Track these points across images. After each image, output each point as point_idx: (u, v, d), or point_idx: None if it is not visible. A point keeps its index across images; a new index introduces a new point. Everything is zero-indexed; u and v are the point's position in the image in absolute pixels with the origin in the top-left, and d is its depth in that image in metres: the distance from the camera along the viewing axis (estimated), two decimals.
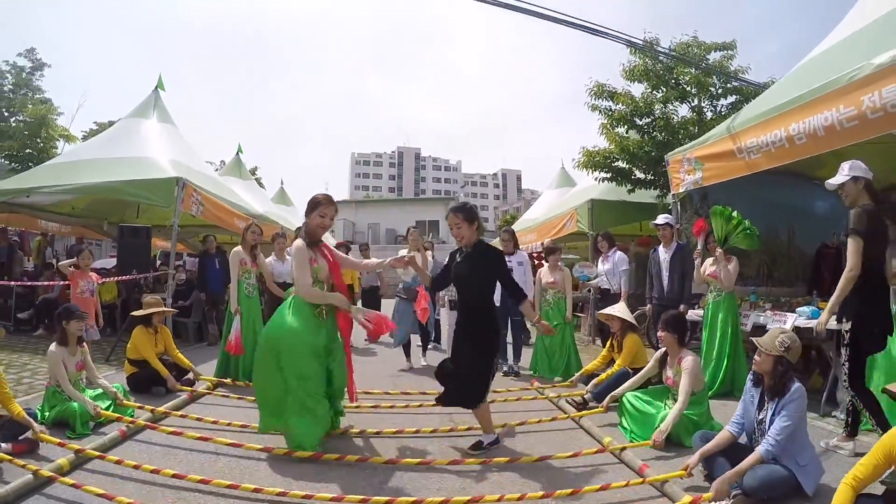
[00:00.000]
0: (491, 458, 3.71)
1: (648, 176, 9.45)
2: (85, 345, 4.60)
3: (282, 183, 19.73)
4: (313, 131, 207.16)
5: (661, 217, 6.51)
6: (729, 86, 9.68)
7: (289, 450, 3.69)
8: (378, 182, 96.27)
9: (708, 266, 5.81)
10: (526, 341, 8.09)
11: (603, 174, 9.81)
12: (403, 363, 7.21)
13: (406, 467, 3.57)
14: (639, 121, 9.64)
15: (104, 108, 65.91)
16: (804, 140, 4.92)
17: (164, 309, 5.95)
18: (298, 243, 3.89)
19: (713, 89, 9.69)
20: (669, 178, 7.28)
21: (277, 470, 3.51)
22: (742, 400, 3.38)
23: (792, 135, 5.03)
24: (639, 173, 9.59)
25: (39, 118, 17.90)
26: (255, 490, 3.09)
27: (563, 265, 7.41)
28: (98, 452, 3.52)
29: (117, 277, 8.39)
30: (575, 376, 6.03)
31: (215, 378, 5.88)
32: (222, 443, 3.82)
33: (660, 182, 9.09)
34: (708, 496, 2.97)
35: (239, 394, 5.34)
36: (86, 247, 8.82)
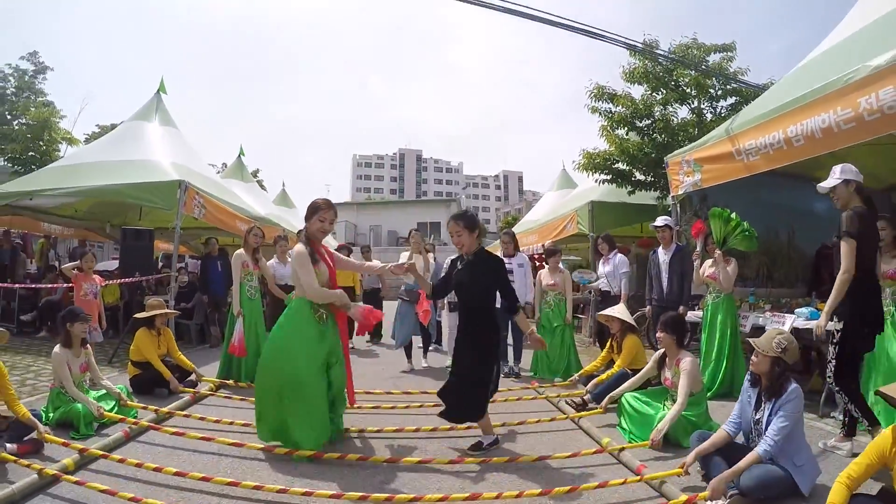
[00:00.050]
0: (490, 458, 3.74)
1: (648, 178, 9.45)
2: (89, 346, 4.65)
3: (283, 185, 19.87)
4: (315, 133, 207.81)
5: (661, 219, 6.53)
6: (728, 87, 9.69)
7: (290, 449, 3.72)
8: (380, 184, 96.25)
9: (707, 267, 5.83)
10: (525, 342, 8.10)
11: (603, 176, 9.84)
12: (405, 364, 7.23)
13: (406, 467, 3.60)
14: (639, 123, 9.65)
15: (106, 111, 66.33)
16: (802, 142, 4.94)
17: (167, 311, 5.99)
18: (299, 247, 3.92)
19: (713, 91, 9.72)
20: (669, 180, 7.30)
21: (278, 469, 3.55)
22: (739, 400, 3.41)
23: (790, 137, 5.04)
24: (639, 175, 9.59)
25: (42, 121, 17.97)
26: (256, 487, 3.12)
27: (564, 267, 7.44)
28: (102, 452, 3.57)
29: (120, 280, 8.43)
30: (574, 376, 6.05)
31: (218, 379, 5.92)
32: (224, 442, 3.86)
33: (660, 184, 9.10)
34: (704, 495, 3.00)
35: (241, 395, 5.37)
36: (89, 249, 8.85)
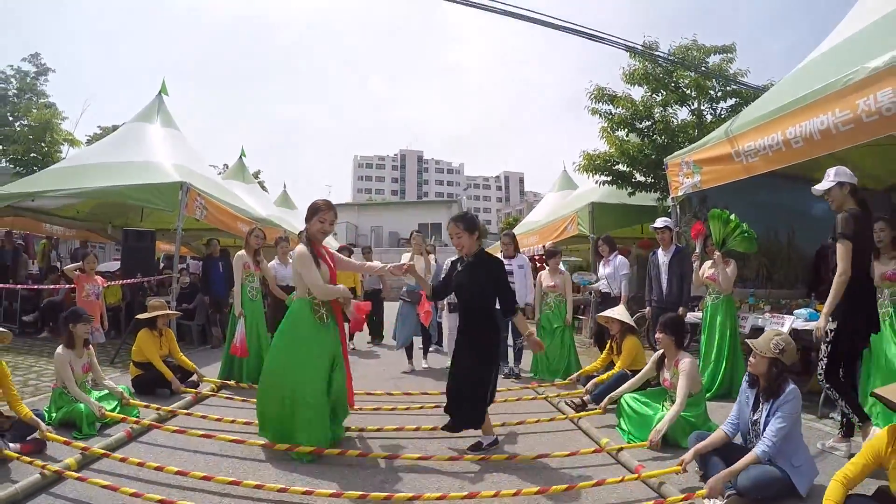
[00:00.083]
0: (489, 456, 3.77)
1: (649, 179, 9.46)
2: (91, 347, 4.68)
3: (284, 186, 19.87)
4: (316, 134, 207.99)
5: (660, 220, 6.56)
6: (728, 89, 9.71)
7: (291, 445, 3.74)
8: (381, 185, 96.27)
9: (706, 269, 5.85)
10: (523, 343, 8.12)
11: (603, 177, 9.85)
12: (405, 365, 7.26)
13: (405, 468, 3.62)
14: (639, 124, 9.66)
15: (108, 113, 66.42)
16: (801, 143, 4.96)
17: (169, 312, 6.02)
18: (301, 248, 3.95)
19: (713, 92, 9.74)
20: (668, 182, 7.32)
21: (279, 469, 3.57)
22: (737, 401, 3.43)
23: (789, 138, 5.06)
24: (639, 176, 9.60)
25: (44, 122, 17.98)
26: (257, 486, 3.15)
27: (565, 268, 7.46)
28: (104, 451, 3.60)
29: (122, 281, 8.46)
30: (573, 375, 6.09)
31: (219, 380, 5.95)
32: (226, 440, 3.89)
33: (660, 185, 9.11)
34: (702, 492, 3.03)
35: (243, 396, 5.39)
36: (91, 251, 8.89)
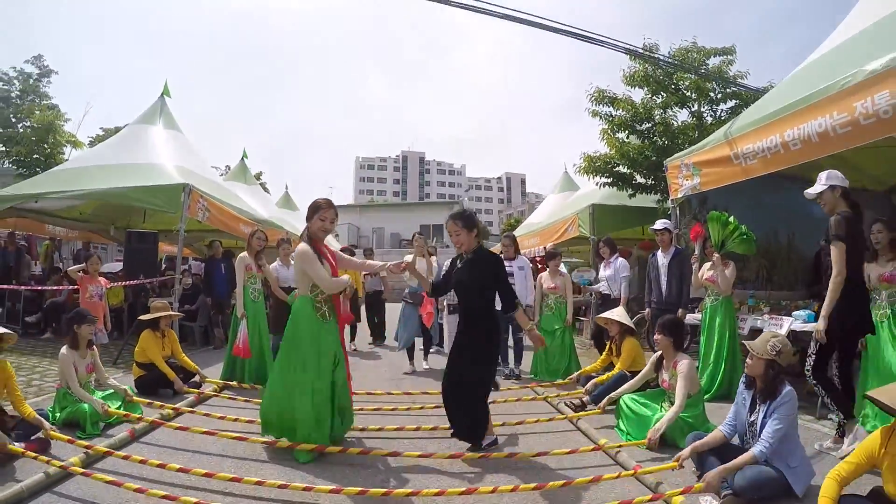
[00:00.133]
0: (489, 455, 3.81)
1: (649, 181, 9.47)
2: (94, 348, 4.72)
3: (286, 188, 19.84)
4: (318, 136, 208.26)
5: (660, 222, 6.58)
6: (728, 91, 9.73)
7: (292, 443, 3.78)
8: (382, 186, 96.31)
9: (706, 271, 5.87)
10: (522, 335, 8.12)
11: (604, 179, 9.86)
12: (406, 366, 7.31)
13: (406, 468, 3.64)
14: (639, 126, 9.67)
15: (110, 114, 66.68)
16: (799, 146, 4.98)
17: (171, 313, 6.06)
18: (303, 247, 3.94)
19: (713, 94, 9.76)
20: (668, 184, 7.34)
21: (281, 469, 3.61)
22: (735, 402, 3.46)
23: (787, 141, 5.08)
24: (640, 178, 9.61)
25: (47, 124, 18.05)
26: (258, 483, 3.19)
27: (565, 270, 7.49)
28: (107, 448, 3.65)
29: (124, 282, 8.51)
30: (573, 375, 6.14)
31: (221, 381, 5.99)
32: (228, 437, 3.94)
33: (660, 186, 9.11)
34: (699, 486, 3.07)
35: (245, 396, 5.44)
36: (94, 252, 8.93)
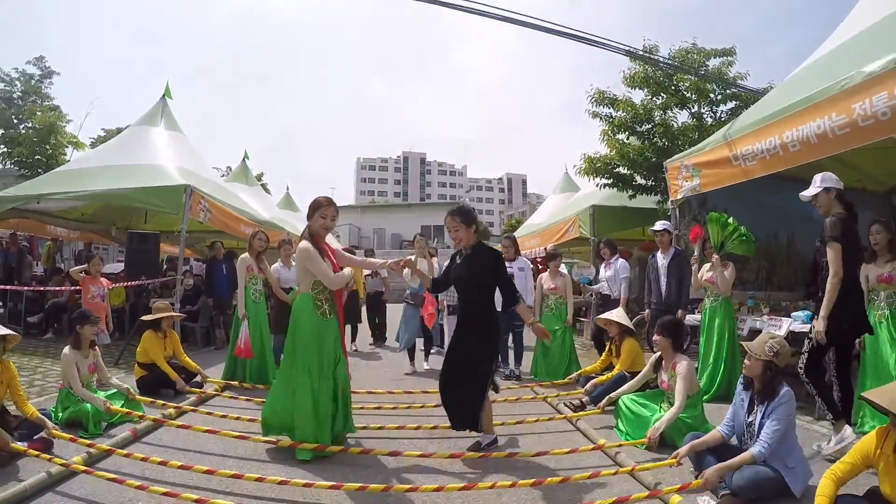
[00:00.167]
0: (489, 454, 3.84)
1: (649, 182, 9.48)
2: (97, 348, 4.76)
3: (287, 188, 19.84)
4: (319, 137, 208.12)
5: (659, 223, 6.60)
6: (728, 92, 9.74)
7: (294, 442, 3.78)
8: (384, 187, 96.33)
9: (705, 272, 5.89)
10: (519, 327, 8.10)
11: (604, 180, 9.84)
12: (407, 367, 7.34)
13: (406, 469, 3.65)
14: (639, 127, 9.68)
15: (112, 116, 66.72)
16: (798, 147, 4.99)
17: (173, 314, 6.10)
18: (305, 244, 3.93)
19: (713, 96, 9.78)
20: (668, 185, 7.35)
21: (282, 464, 3.65)
22: (733, 403, 3.48)
23: (786, 142, 5.09)
24: (640, 179, 9.61)
25: (48, 125, 18.10)
26: (259, 479, 3.22)
27: (566, 271, 7.51)
28: (108, 446, 3.69)
29: (126, 283, 8.54)
30: (573, 374, 6.18)
31: (223, 380, 6.03)
32: (230, 436, 3.96)
33: (661, 188, 9.11)
34: (698, 482, 3.09)
35: (247, 395, 5.50)
36: (97, 253, 8.96)
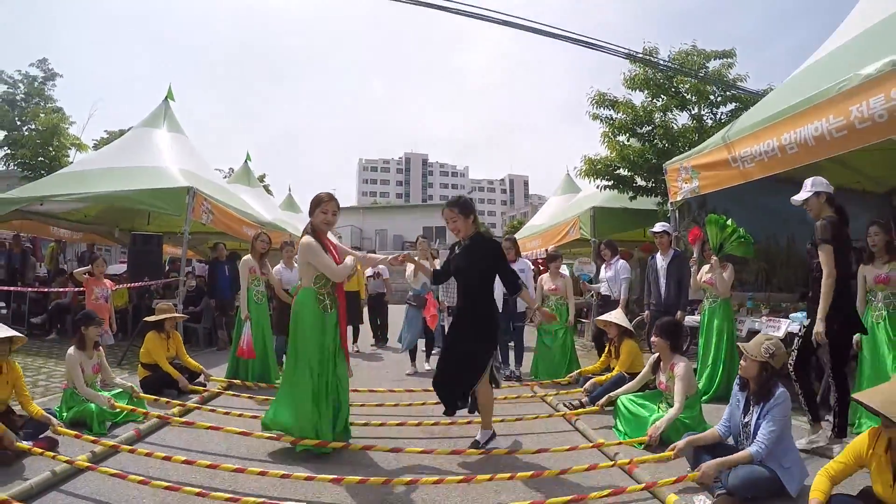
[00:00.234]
0: (490, 451, 3.88)
1: (650, 183, 9.49)
2: (101, 349, 4.82)
3: (290, 190, 19.90)
4: (321, 138, 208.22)
5: (659, 225, 6.63)
6: (728, 94, 9.74)
7: (295, 438, 3.80)
8: (385, 188, 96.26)
9: (704, 273, 5.92)
10: (529, 321, 8.07)
11: (604, 182, 9.82)
12: (409, 367, 7.38)
13: (406, 468, 3.67)
14: (639, 129, 9.68)
15: (114, 117, 66.84)
16: (796, 149, 5.02)
17: (176, 315, 6.15)
18: (307, 239, 3.91)
19: (713, 97, 9.78)
20: (668, 187, 7.38)
21: (283, 462, 3.70)
22: (729, 403, 3.51)
23: (784, 144, 5.13)
24: (640, 181, 9.62)
25: (51, 127, 18.17)
26: (261, 473, 3.28)
27: (566, 272, 7.54)
28: (113, 442, 3.75)
29: (129, 284, 8.59)
30: (574, 373, 6.24)
31: (226, 379, 6.09)
32: (233, 432, 4.01)
33: (661, 189, 9.09)
34: (694, 475, 3.14)
35: (249, 393, 5.57)
36: (100, 254, 9.02)
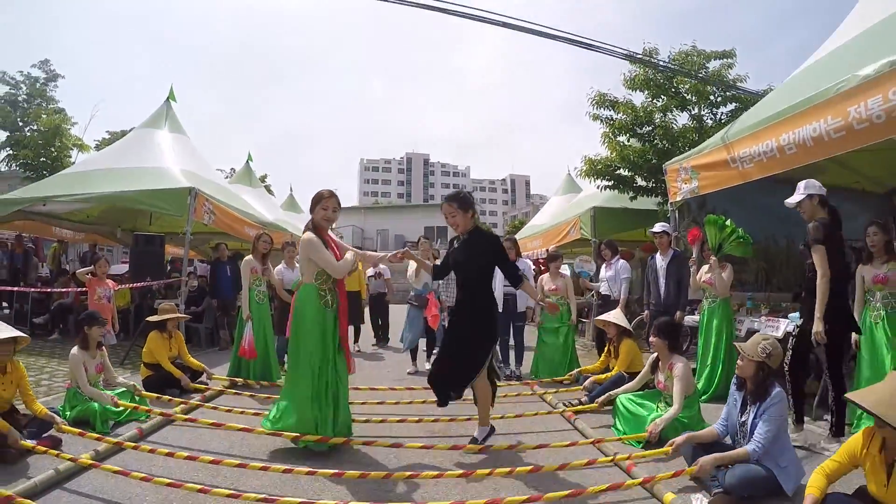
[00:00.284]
0: (490, 446, 3.92)
1: (650, 184, 9.50)
2: (104, 349, 4.86)
3: (291, 190, 19.94)
4: (322, 138, 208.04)
5: (658, 225, 6.64)
6: (728, 94, 9.75)
7: (297, 434, 3.81)
8: (387, 188, 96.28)
9: (703, 273, 5.94)
10: (530, 323, 8.07)
11: (605, 182, 9.82)
12: (410, 367, 7.43)
13: (407, 468, 3.68)
14: (639, 129, 9.69)
15: (116, 118, 66.92)
16: (794, 150, 5.03)
17: (179, 315, 6.18)
18: (308, 235, 3.91)
19: (713, 98, 9.80)
20: (667, 187, 7.40)
21: (284, 459, 3.71)
22: (727, 403, 3.54)
23: (782, 145, 5.14)
24: (640, 181, 9.63)
25: (53, 128, 18.19)
26: (263, 468, 3.31)
27: (567, 272, 7.57)
28: (116, 440, 3.79)
29: (132, 284, 8.63)
30: (574, 371, 6.29)
31: (228, 378, 6.13)
32: (234, 428, 4.05)
33: (661, 189, 9.09)
34: (692, 470, 3.17)
35: (251, 392, 5.63)
36: (102, 255, 9.06)
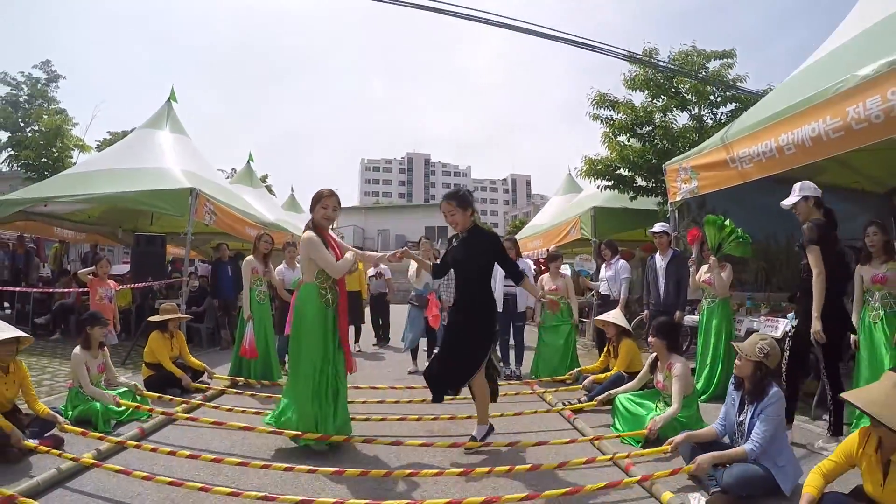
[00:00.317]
0: (491, 443, 3.94)
1: (650, 184, 9.51)
2: (106, 349, 4.89)
3: (292, 190, 20.02)
4: (323, 138, 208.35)
5: (658, 225, 6.65)
6: (728, 94, 9.76)
7: (297, 432, 3.82)
8: (388, 188, 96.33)
9: (703, 273, 5.95)
10: (530, 323, 8.07)
11: (605, 182, 9.83)
12: (410, 366, 7.45)
13: (407, 467, 3.69)
14: (639, 129, 9.71)
15: (117, 118, 66.94)
16: (793, 150, 5.03)
17: (180, 315, 6.21)
18: (309, 234, 3.90)
19: (712, 98, 9.81)
20: (667, 187, 7.40)
21: (285, 458, 3.74)
22: (725, 402, 3.56)
23: (781, 145, 5.14)
24: (641, 181, 9.64)
25: (55, 128, 18.20)
26: (264, 466, 3.33)
27: (567, 272, 7.58)
28: (118, 439, 3.82)
29: (133, 284, 8.66)
30: (573, 371, 6.31)
31: (229, 377, 6.15)
32: (235, 426, 4.08)
33: (661, 189, 9.09)
34: (689, 468, 3.19)
35: (252, 391, 5.65)
36: (104, 255, 9.09)
